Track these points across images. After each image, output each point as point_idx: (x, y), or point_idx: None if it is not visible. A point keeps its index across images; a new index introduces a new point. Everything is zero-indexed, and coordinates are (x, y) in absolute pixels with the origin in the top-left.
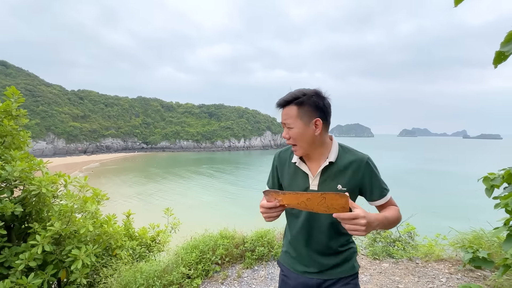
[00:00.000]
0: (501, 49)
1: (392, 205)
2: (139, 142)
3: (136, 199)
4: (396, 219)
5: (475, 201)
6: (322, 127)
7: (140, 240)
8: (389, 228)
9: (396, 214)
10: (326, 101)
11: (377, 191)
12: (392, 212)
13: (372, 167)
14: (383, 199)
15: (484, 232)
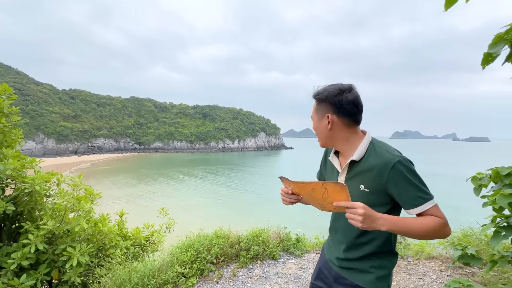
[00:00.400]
0: (489, 51)
1: (431, 215)
2: (132, 142)
3: (128, 200)
4: (426, 229)
5: (464, 201)
6: (338, 123)
7: (134, 240)
8: (418, 237)
9: (428, 224)
10: (345, 98)
11: (407, 199)
12: (423, 220)
13: (402, 171)
14: (416, 209)
15: (472, 230)
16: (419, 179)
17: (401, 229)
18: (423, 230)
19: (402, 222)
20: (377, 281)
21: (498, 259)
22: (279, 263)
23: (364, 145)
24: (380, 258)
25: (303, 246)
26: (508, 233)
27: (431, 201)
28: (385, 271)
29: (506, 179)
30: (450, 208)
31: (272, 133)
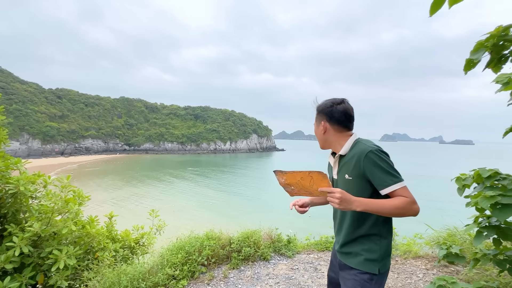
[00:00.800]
0: (471, 57)
1: (401, 195)
2: (121, 143)
3: (117, 203)
4: (395, 207)
5: (449, 202)
6: (330, 129)
7: (123, 243)
8: (389, 215)
9: (396, 202)
10: (336, 109)
11: (378, 181)
12: (393, 200)
13: (374, 159)
14: (386, 189)
15: (457, 230)
16: (388, 165)
17: (374, 208)
18: (392, 207)
19: (374, 203)
20: (365, 261)
21: (481, 257)
22: (270, 264)
23: (350, 143)
24: (369, 240)
25: (294, 247)
26: (489, 232)
27: (399, 183)
28: (374, 254)
29: (487, 181)
30: (435, 209)
31: (264, 134)
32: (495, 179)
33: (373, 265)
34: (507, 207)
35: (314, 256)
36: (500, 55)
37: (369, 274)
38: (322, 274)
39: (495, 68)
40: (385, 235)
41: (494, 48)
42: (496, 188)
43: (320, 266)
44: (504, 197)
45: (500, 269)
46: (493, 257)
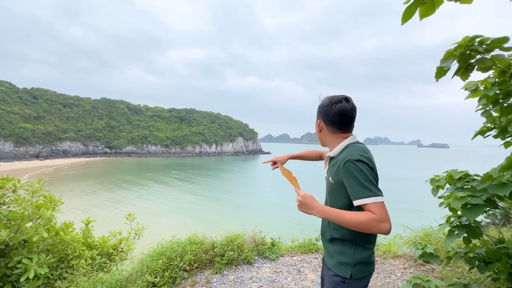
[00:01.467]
0: (441, 65)
1: (368, 211)
2: (102, 146)
3: (97, 208)
4: (356, 221)
5: (427, 202)
6: (325, 128)
7: (100, 249)
8: (351, 228)
9: (359, 217)
10: (332, 109)
11: (351, 191)
12: (357, 214)
13: (351, 169)
14: (357, 201)
15: (433, 229)
16: (365, 177)
17: (334, 218)
18: (353, 221)
19: (335, 213)
20: (338, 265)
21: (453, 255)
22: (254, 267)
23: (341, 146)
24: (344, 245)
25: (278, 249)
26: (460, 231)
27: (372, 198)
28: (347, 258)
29: (458, 182)
30: (414, 210)
31: (250, 137)
32: (465, 180)
33: (345, 269)
34: (475, 207)
35: (298, 258)
36: (467, 64)
37: (341, 277)
38: (305, 276)
39: (463, 76)
40: (362, 243)
41: (461, 57)
42: (466, 189)
43: (303, 268)
44: (473, 197)
45: (470, 266)
46: (464, 255)
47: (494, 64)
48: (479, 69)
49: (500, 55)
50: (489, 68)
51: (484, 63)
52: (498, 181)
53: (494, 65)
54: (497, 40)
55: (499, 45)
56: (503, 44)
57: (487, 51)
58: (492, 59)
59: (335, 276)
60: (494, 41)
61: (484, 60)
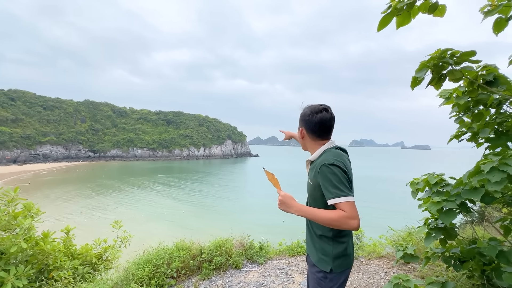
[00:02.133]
0: (416, 75)
1: (340, 209)
2: (85, 150)
3: (79, 215)
4: (328, 219)
5: (410, 204)
6: (306, 135)
7: (83, 259)
8: (324, 224)
9: (332, 214)
10: (313, 119)
11: (325, 192)
12: (328, 212)
13: (326, 172)
14: (330, 200)
15: (414, 230)
16: (337, 180)
17: (310, 216)
18: (327, 218)
19: (311, 211)
20: (320, 260)
21: (431, 255)
22: (242, 272)
23: (320, 151)
24: (323, 241)
25: (266, 253)
26: (437, 234)
27: (343, 197)
28: (327, 253)
29: (434, 187)
30: (398, 211)
31: (239, 140)
32: (440, 185)
33: (326, 264)
34: (450, 211)
35: (286, 261)
36: (439, 75)
37: (323, 272)
38: (293, 279)
39: (436, 86)
40: (337, 238)
41: (434, 68)
42: (442, 193)
43: (290, 271)
44: (448, 202)
45: (447, 265)
46: (441, 254)
47: (464, 75)
48: (451, 80)
49: (468, 67)
50: (459, 79)
51: (454, 75)
52: (470, 186)
53: (463, 76)
54: (466, 54)
55: (467, 58)
56: (471, 57)
57: (457, 63)
58: (461, 71)
59: (318, 272)
60: (463, 54)
61: (455, 71)
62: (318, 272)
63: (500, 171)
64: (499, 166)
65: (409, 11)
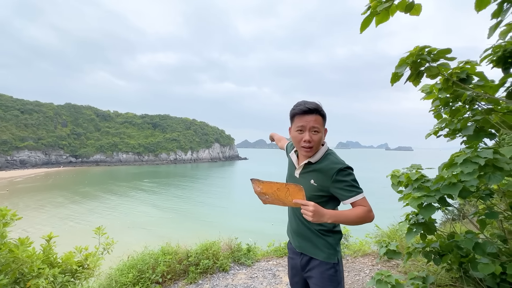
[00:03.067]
0: (396, 71)
1: (361, 205)
2: (67, 155)
3: (59, 222)
4: (357, 216)
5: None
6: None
7: (63, 267)
8: (353, 223)
9: (357, 212)
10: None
11: (344, 193)
12: (354, 210)
13: (345, 174)
14: (350, 199)
15: (398, 226)
16: (354, 179)
17: (341, 219)
18: (356, 216)
19: (342, 214)
20: (328, 257)
21: (412, 251)
22: (229, 274)
23: (323, 151)
24: (324, 235)
25: (254, 255)
26: (418, 229)
27: (360, 194)
28: (332, 246)
29: (415, 183)
30: (385, 209)
31: (227, 144)
32: (421, 181)
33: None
34: (430, 206)
35: (273, 262)
36: (417, 71)
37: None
38: (280, 280)
39: (415, 82)
40: (336, 227)
41: (413, 65)
42: (422, 188)
43: (278, 272)
44: (428, 197)
45: (427, 259)
46: (422, 249)
47: (440, 72)
48: (428, 76)
49: (444, 64)
50: (436, 75)
51: (431, 71)
52: (448, 182)
53: (439, 73)
54: (442, 51)
55: (444, 55)
56: (447, 54)
57: (434, 60)
58: (438, 67)
59: (328, 268)
60: (440, 51)
61: (432, 68)
62: (328, 269)
63: (472, 162)
64: (472, 158)
65: (388, 10)
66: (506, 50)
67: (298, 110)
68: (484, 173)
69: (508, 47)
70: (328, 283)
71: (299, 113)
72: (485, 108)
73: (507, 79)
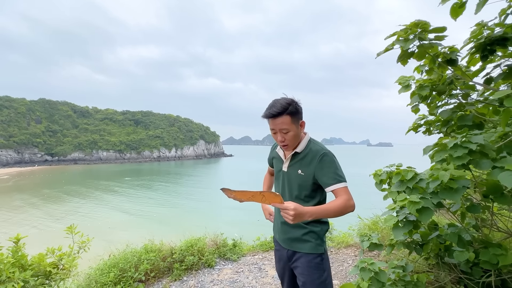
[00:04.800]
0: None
1: (342, 195)
2: (41, 153)
3: (35, 224)
4: (338, 208)
5: (376, 193)
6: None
7: (35, 269)
8: (334, 215)
9: (337, 203)
10: (300, 105)
11: (326, 179)
12: (336, 202)
13: (328, 160)
14: (331, 187)
15: (379, 218)
16: (337, 166)
17: (322, 214)
18: (336, 208)
19: (321, 209)
20: (314, 247)
21: (395, 243)
22: (215, 270)
23: (306, 140)
24: (311, 226)
25: (240, 250)
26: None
27: (342, 183)
28: (318, 236)
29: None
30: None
31: (212, 140)
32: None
33: (320, 246)
34: (427, 210)
35: (259, 256)
36: (407, 49)
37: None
38: (266, 273)
39: (403, 62)
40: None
41: (404, 42)
42: (415, 189)
43: (264, 266)
44: (425, 200)
45: (409, 250)
46: (404, 241)
47: (427, 52)
48: (416, 56)
49: (435, 43)
50: (423, 56)
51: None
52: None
53: (427, 53)
54: (437, 29)
55: (438, 33)
56: (441, 32)
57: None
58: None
59: (314, 258)
60: (434, 29)
61: (424, 45)
62: (314, 258)
63: (462, 147)
64: (462, 143)
65: None
66: (487, 38)
67: (265, 115)
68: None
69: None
70: (314, 271)
71: (266, 118)
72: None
73: (486, 65)
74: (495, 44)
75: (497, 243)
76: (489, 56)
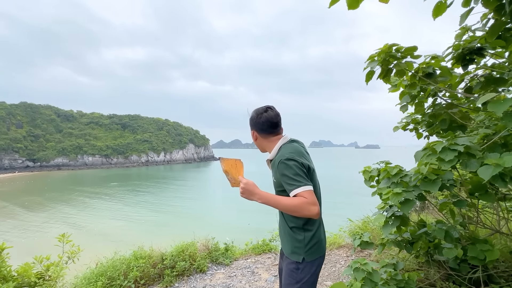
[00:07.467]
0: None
1: (301, 196)
2: (23, 159)
3: (17, 234)
4: (290, 204)
5: (365, 194)
6: (260, 136)
7: (19, 280)
8: (285, 210)
9: (294, 200)
10: (260, 119)
11: (285, 185)
12: (290, 198)
13: (282, 168)
14: (291, 192)
15: (369, 218)
16: (293, 172)
17: (272, 202)
18: (289, 205)
19: (274, 199)
20: (292, 253)
21: (386, 242)
22: (207, 275)
23: (276, 148)
24: (295, 232)
25: (232, 254)
26: (395, 222)
27: (301, 187)
28: (299, 243)
29: (394, 178)
30: (355, 203)
31: (201, 144)
32: (400, 176)
33: (298, 254)
34: (409, 201)
35: (252, 260)
36: (387, 68)
37: (295, 263)
38: (259, 277)
39: (385, 79)
40: (310, 226)
41: (383, 62)
42: (399, 184)
43: (257, 269)
44: (407, 192)
45: (399, 248)
46: (394, 240)
47: (407, 69)
48: (396, 74)
49: (411, 61)
50: (403, 73)
51: (400, 66)
52: (427, 179)
53: (407, 69)
54: (409, 49)
55: (410, 52)
56: (413, 52)
57: (402, 57)
58: (406, 64)
59: (290, 263)
60: (407, 49)
61: (400, 64)
62: (290, 264)
63: (451, 150)
64: (450, 146)
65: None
66: (465, 48)
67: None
68: (461, 161)
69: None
70: (288, 277)
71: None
72: (446, 102)
73: (466, 76)
74: (473, 53)
75: (483, 239)
76: (469, 65)
